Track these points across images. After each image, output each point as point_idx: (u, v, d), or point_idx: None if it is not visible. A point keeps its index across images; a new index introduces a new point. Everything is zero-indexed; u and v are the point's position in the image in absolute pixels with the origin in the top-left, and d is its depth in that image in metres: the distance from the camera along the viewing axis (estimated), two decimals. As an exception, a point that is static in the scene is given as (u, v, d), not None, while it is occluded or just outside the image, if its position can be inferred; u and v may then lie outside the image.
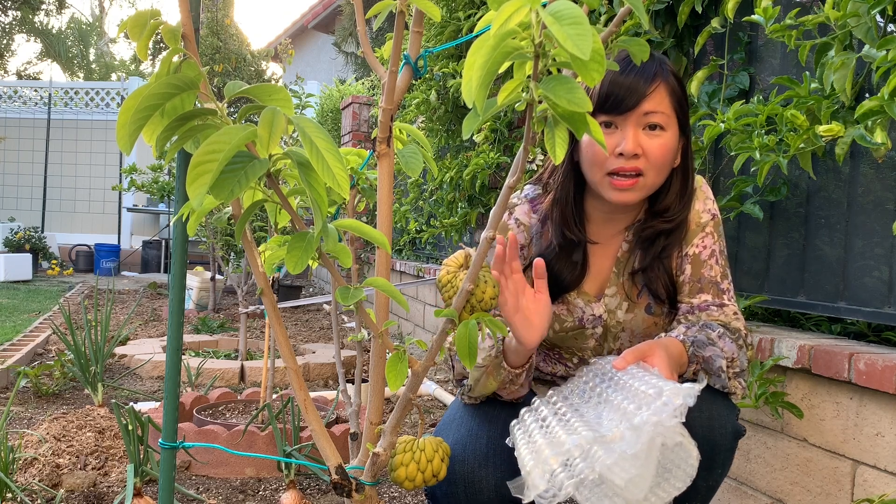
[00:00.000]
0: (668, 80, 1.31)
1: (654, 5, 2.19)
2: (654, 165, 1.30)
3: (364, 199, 1.33)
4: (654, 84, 1.29)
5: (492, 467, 1.28)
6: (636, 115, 1.28)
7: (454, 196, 3.64)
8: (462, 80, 0.73)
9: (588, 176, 1.36)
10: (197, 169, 0.73)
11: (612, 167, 1.30)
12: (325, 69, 13.15)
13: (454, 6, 3.45)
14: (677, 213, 1.37)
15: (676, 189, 1.37)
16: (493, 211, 0.89)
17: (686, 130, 1.36)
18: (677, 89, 1.32)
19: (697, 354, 1.25)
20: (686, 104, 1.35)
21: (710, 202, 1.41)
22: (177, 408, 1.23)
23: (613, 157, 1.29)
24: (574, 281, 1.41)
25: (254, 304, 4.50)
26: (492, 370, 1.29)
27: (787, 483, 1.76)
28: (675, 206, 1.36)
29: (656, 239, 1.38)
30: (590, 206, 1.42)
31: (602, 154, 1.30)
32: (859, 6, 1.46)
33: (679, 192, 1.37)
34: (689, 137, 1.37)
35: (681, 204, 1.37)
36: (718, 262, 1.39)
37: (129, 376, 3.63)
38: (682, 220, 1.38)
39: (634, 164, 1.29)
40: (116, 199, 11.16)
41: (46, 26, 21.20)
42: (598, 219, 1.42)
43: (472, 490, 1.28)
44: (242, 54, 6.50)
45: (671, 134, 1.31)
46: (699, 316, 1.36)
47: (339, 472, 0.98)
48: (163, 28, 0.83)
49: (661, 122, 1.29)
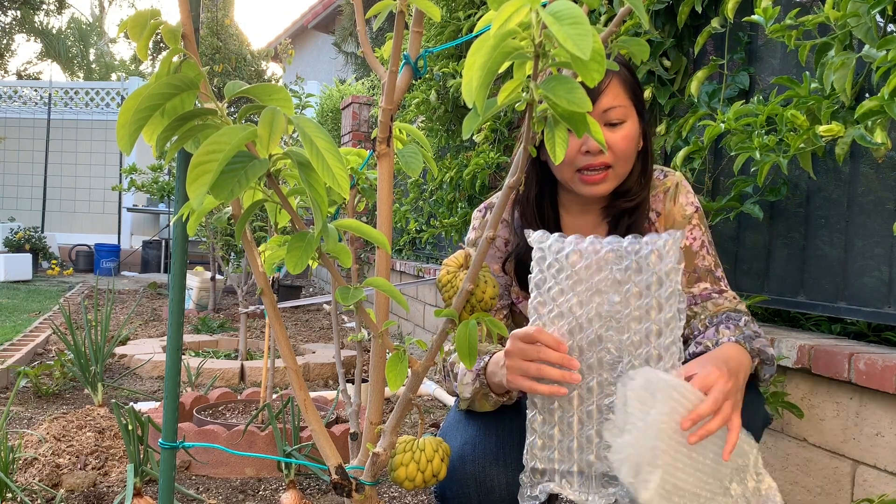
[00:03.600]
0: (619, 72, 1.33)
1: (654, 5, 2.19)
2: (621, 157, 1.34)
3: (364, 199, 1.32)
4: (606, 80, 1.31)
5: (503, 465, 1.28)
6: (595, 114, 1.31)
7: (454, 196, 3.64)
8: (462, 80, 0.73)
9: (558, 175, 1.39)
10: (197, 169, 0.73)
11: (580, 164, 1.33)
12: (325, 69, 13.15)
13: (454, 6, 3.45)
14: (637, 193, 1.40)
15: (638, 170, 1.40)
16: (493, 211, 0.89)
17: (643, 115, 1.39)
18: (629, 78, 1.35)
19: (753, 348, 1.23)
20: (640, 90, 1.38)
21: (692, 195, 1.45)
22: (177, 408, 1.23)
23: (580, 154, 1.32)
24: None
25: (254, 304, 4.50)
26: (481, 398, 1.30)
27: (787, 483, 1.76)
28: (634, 187, 1.40)
29: (620, 217, 1.42)
30: (564, 198, 1.46)
31: (570, 153, 1.33)
32: (859, 6, 1.46)
33: (640, 173, 1.41)
34: (646, 121, 1.41)
35: (641, 184, 1.41)
36: (709, 251, 1.42)
37: (129, 376, 3.63)
38: (644, 199, 1.41)
39: (602, 159, 1.32)
40: (116, 199, 11.17)
41: (46, 26, 21.20)
42: (575, 210, 1.46)
43: (484, 489, 1.27)
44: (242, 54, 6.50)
45: (631, 123, 1.34)
46: (704, 305, 1.37)
47: (339, 472, 0.98)
48: (163, 28, 0.83)
49: (620, 117, 1.33)
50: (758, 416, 1.28)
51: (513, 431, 1.30)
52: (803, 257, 1.87)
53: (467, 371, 1.29)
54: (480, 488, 1.27)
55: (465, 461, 1.27)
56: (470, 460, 1.28)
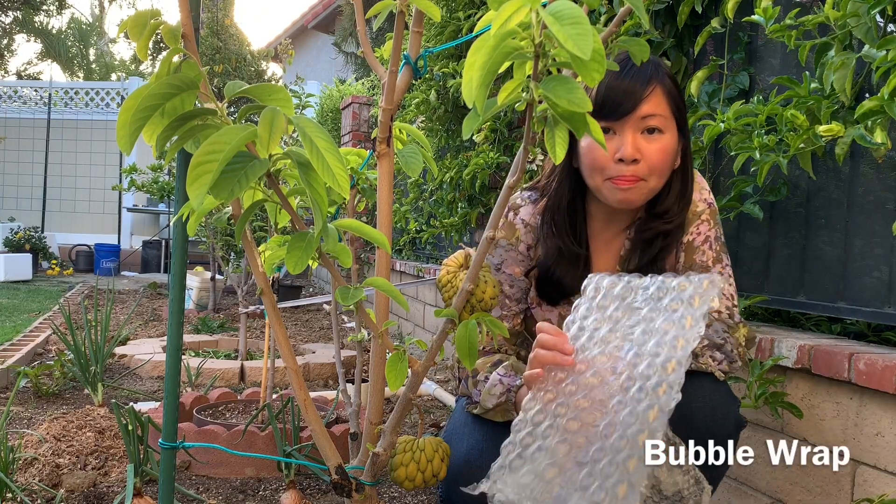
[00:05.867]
0: (664, 82, 1.30)
1: (654, 5, 2.19)
2: (655, 169, 1.30)
3: (364, 199, 1.33)
4: (650, 87, 1.28)
5: None
6: (634, 119, 1.28)
7: (454, 196, 3.64)
8: (462, 80, 0.73)
9: (588, 182, 1.36)
10: (197, 169, 0.73)
11: (612, 173, 1.30)
12: (325, 69, 13.15)
13: (454, 6, 3.45)
14: (676, 215, 1.37)
15: (676, 190, 1.36)
16: (493, 211, 0.89)
17: (685, 132, 1.35)
18: (674, 91, 1.32)
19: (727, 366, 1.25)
20: (683, 106, 1.35)
21: (706, 192, 1.42)
22: (177, 408, 1.23)
23: (613, 162, 1.29)
24: (577, 284, 1.41)
25: (254, 304, 4.49)
26: (500, 410, 1.30)
27: (786, 483, 1.76)
28: (674, 208, 1.36)
29: (654, 240, 1.38)
30: (592, 205, 1.43)
31: (602, 160, 1.29)
32: (859, 6, 1.46)
33: (679, 194, 1.37)
34: (688, 139, 1.37)
35: (680, 206, 1.37)
36: (712, 247, 1.40)
37: (129, 376, 3.63)
38: (681, 222, 1.38)
39: (634, 169, 1.28)
40: (116, 199, 11.16)
41: (46, 26, 21.18)
42: (601, 218, 1.43)
43: None
44: (242, 54, 6.50)
45: (670, 136, 1.31)
46: None
47: (339, 472, 0.98)
48: (163, 28, 0.83)
49: (659, 125, 1.29)
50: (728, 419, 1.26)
51: None
52: (803, 257, 1.87)
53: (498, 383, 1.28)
54: None
55: (472, 466, 1.27)
56: (477, 465, 1.27)
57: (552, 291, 1.41)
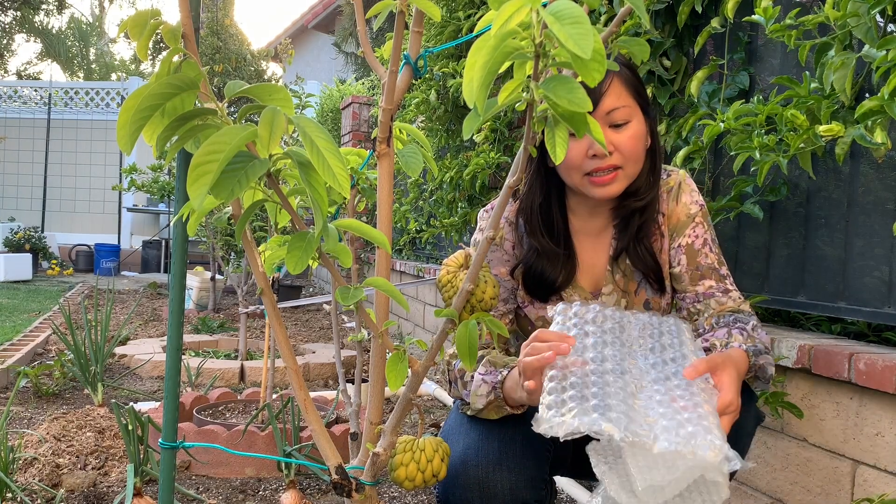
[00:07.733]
0: (620, 72, 1.31)
1: (655, 5, 2.19)
2: (630, 157, 1.32)
3: (364, 199, 1.32)
4: (607, 80, 1.30)
5: (506, 470, 1.27)
6: (599, 115, 1.30)
7: (454, 196, 3.64)
8: (462, 80, 0.73)
9: (566, 180, 1.38)
10: (197, 169, 0.73)
11: (588, 168, 1.31)
12: (325, 69, 13.15)
13: (454, 6, 3.45)
14: (646, 192, 1.39)
15: (647, 169, 1.39)
16: (493, 211, 0.89)
17: (648, 112, 1.37)
18: (631, 77, 1.33)
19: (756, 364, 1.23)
20: (643, 87, 1.36)
21: (696, 193, 1.44)
22: (177, 408, 1.23)
23: (588, 158, 1.31)
24: (565, 279, 1.42)
25: (254, 304, 4.49)
26: (493, 408, 1.30)
27: (787, 483, 1.76)
28: (644, 185, 1.39)
29: (631, 218, 1.40)
30: (571, 200, 1.44)
31: (576, 158, 1.31)
32: (859, 6, 1.46)
33: (649, 171, 1.39)
34: (653, 118, 1.39)
35: (650, 182, 1.39)
36: (712, 249, 1.41)
37: (129, 376, 3.63)
38: (653, 198, 1.40)
39: (610, 161, 1.31)
40: (116, 199, 11.17)
41: (46, 26, 21.19)
42: (583, 213, 1.44)
43: (488, 494, 1.26)
44: (242, 54, 6.51)
45: (637, 122, 1.33)
46: (707, 303, 1.36)
47: (339, 472, 0.98)
48: (163, 28, 0.83)
49: (625, 117, 1.31)
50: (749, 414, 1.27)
51: (515, 436, 1.30)
52: (803, 257, 1.87)
53: (482, 383, 1.28)
54: (484, 493, 1.27)
55: (469, 466, 1.27)
56: (473, 465, 1.27)
57: (538, 288, 1.43)
